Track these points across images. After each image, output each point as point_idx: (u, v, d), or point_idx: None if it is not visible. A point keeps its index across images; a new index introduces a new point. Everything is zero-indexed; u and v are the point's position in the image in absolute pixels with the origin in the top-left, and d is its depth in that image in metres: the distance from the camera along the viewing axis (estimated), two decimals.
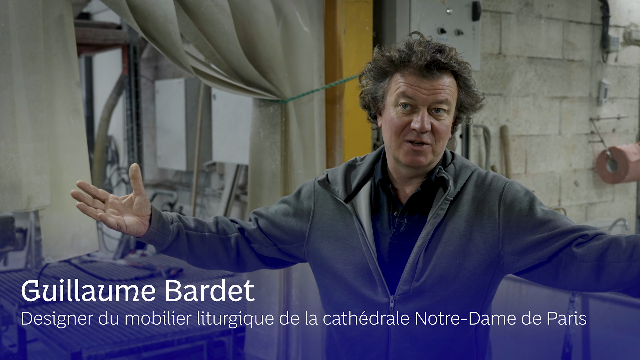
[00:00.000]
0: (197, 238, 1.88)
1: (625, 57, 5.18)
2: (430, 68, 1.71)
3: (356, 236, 1.82)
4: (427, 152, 1.74)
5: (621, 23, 5.12)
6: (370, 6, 3.66)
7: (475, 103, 1.80)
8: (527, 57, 4.58)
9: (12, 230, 3.70)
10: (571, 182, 4.95)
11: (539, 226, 1.72)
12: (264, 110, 3.35)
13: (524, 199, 1.76)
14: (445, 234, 1.76)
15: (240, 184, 5.78)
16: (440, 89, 1.72)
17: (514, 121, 4.54)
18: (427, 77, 1.72)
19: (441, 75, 1.73)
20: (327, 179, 1.90)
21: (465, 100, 1.78)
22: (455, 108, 1.77)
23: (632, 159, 4.94)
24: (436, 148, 1.74)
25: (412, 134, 1.73)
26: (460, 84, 1.77)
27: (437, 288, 1.75)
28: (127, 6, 2.81)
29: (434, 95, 1.72)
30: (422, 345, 1.77)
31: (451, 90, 1.74)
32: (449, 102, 1.73)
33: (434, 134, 1.73)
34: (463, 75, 1.77)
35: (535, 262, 1.74)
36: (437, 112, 1.73)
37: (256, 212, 1.99)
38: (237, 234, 1.94)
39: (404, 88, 1.73)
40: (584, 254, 1.67)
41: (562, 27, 4.75)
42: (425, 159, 1.74)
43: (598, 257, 1.66)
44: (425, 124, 1.71)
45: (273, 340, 3.39)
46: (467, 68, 1.79)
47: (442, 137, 1.74)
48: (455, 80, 1.76)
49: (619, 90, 5.20)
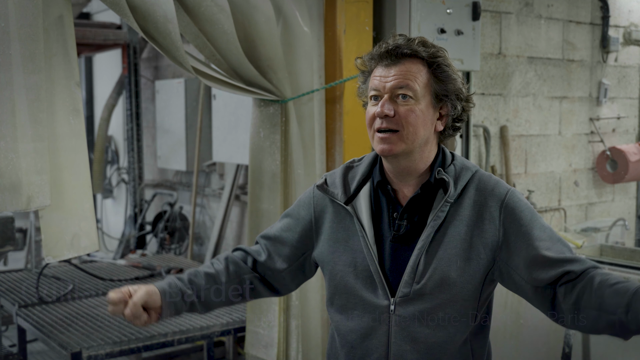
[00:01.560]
0: (212, 293, 1.92)
1: (625, 57, 5.18)
2: (389, 55, 1.74)
3: (357, 238, 1.81)
4: (396, 140, 1.72)
5: (621, 23, 5.12)
6: (370, 6, 3.66)
7: (454, 88, 1.77)
8: (527, 57, 4.58)
9: (12, 230, 3.70)
10: (571, 182, 4.95)
11: (534, 246, 1.72)
12: (264, 110, 3.35)
13: (526, 212, 1.76)
14: (447, 237, 1.75)
15: (240, 184, 5.79)
16: (400, 74, 1.73)
17: (514, 121, 4.54)
18: (389, 66, 1.74)
19: (402, 61, 1.73)
20: (326, 183, 1.90)
21: (438, 87, 1.75)
22: (431, 95, 1.75)
23: (632, 159, 4.94)
24: (406, 134, 1.72)
25: (377, 121, 1.74)
26: (432, 69, 1.75)
27: (438, 291, 1.74)
28: (127, 6, 2.81)
29: (394, 81, 1.73)
30: (422, 348, 1.76)
31: (414, 76, 1.73)
32: (410, 87, 1.72)
33: (400, 120, 1.72)
34: (432, 60, 1.75)
35: (519, 280, 1.75)
36: (402, 98, 1.72)
37: (262, 236, 2.01)
38: (250, 275, 1.96)
39: (372, 82, 1.77)
40: (564, 295, 1.69)
41: (562, 27, 4.75)
42: (396, 147, 1.73)
43: (574, 302, 1.67)
44: (383, 108, 1.72)
45: (273, 340, 3.38)
46: (439, 54, 1.76)
47: (410, 123, 1.72)
48: (428, 68, 1.75)
49: (619, 90, 5.20)
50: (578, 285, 1.67)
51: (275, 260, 1.96)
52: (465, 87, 1.81)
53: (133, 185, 6.89)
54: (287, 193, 3.38)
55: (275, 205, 3.34)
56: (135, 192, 6.87)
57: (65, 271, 4.67)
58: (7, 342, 5.00)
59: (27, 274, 4.69)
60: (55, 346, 3.29)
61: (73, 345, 3.19)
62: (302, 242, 1.93)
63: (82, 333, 3.38)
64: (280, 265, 1.95)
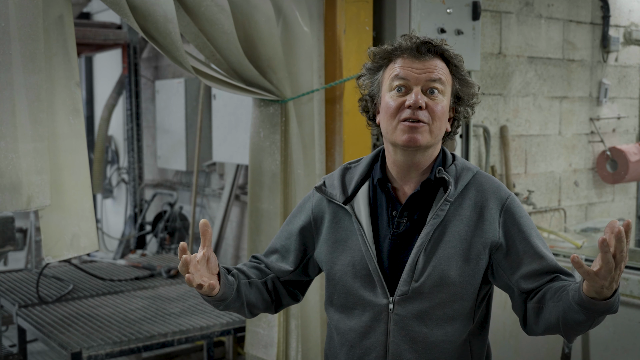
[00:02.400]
0: (247, 285, 1.89)
1: (625, 57, 5.18)
2: (421, 49, 1.74)
3: (356, 237, 1.82)
4: (424, 131, 1.72)
5: (621, 23, 5.12)
6: (370, 6, 3.66)
7: (470, 93, 1.80)
8: (527, 57, 4.57)
9: (12, 230, 3.70)
10: (571, 182, 4.94)
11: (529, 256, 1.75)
12: (264, 110, 3.35)
13: (525, 218, 1.78)
14: (446, 235, 1.75)
15: (240, 184, 5.79)
16: (432, 68, 1.74)
17: (514, 121, 4.54)
18: (419, 59, 1.74)
19: (433, 57, 1.75)
20: (324, 184, 1.91)
21: (460, 88, 1.78)
22: (451, 95, 1.77)
23: (632, 159, 4.94)
24: (433, 128, 1.73)
25: (407, 112, 1.73)
26: (453, 71, 1.77)
27: (437, 290, 1.74)
28: (127, 6, 2.81)
29: (426, 74, 1.73)
30: (420, 347, 1.76)
31: (444, 72, 1.75)
32: (442, 81, 1.74)
33: (429, 113, 1.72)
34: (455, 63, 1.77)
35: (507, 282, 1.77)
36: (431, 93, 1.73)
37: (265, 252, 2.01)
38: (272, 275, 1.96)
39: (397, 71, 1.75)
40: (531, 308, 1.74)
41: (563, 27, 4.75)
42: (422, 138, 1.73)
43: (539, 299, 1.71)
44: (419, 99, 1.71)
45: (273, 340, 3.38)
46: (460, 59, 1.79)
47: (438, 117, 1.73)
48: (448, 67, 1.77)
49: (619, 90, 5.19)
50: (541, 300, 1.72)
51: (282, 266, 1.96)
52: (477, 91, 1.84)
53: (133, 185, 6.89)
54: (287, 193, 3.38)
55: (275, 205, 3.34)
56: (135, 192, 6.87)
57: (65, 271, 4.67)
58: (7, 342, 5.00)
59: (27, 274, 4.70)
60: (55, 346, 3.29)
61: (73, 345, 3.19)
62: (303, 245, 1.94)
63: (82, 333, 3.38)
64: (287, 269, 1.96)
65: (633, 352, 3.51)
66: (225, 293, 1.78)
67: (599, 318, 1.60)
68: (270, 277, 1.95)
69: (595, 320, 1.60)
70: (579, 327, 1.63)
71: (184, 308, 3.84)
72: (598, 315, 1.58)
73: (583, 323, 1.61)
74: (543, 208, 4.72)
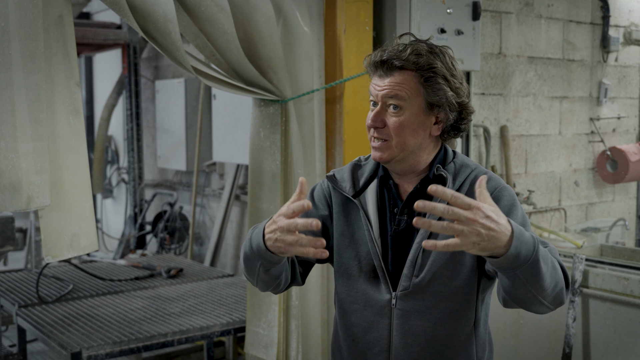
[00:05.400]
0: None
1: (625, 57, 5.18)
2: (381, 66, 1.77)
3: (363, 232, 1.84)
4: (384, 148, 1.77)
5: (621, 23, 5.12)
6: (370, 6, 3.66)
7: (443, 97, 1.76)
8: (527, 57, 4.57)
9: (12, 230, 3.70)
10: (571, 182, 4.94)
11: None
12: (264, 110, 3.35)
13: (510, 206, 1.76)
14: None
15: (240, 184, 5.79)
16: (388, 85, 1.76)
17: (514, 121, 4.54)
18: (382, 76, 1.78)
19: (392, 72, 1.77)
20: (335, 177, 1.92)
21: (430, 96, 1.76)
22: (422, 104, 1.76)
23: (633, 159, 4.94)
24: (396, 144, 1.76)
25: (370, 130, 1.80)
26: (422, 82, 1.76)
27: (436, 284, 1.77)
28: (127, 6, 2.81)
29: (383, 91, 1.77)
30: (423, 341, 1.79)
31: (403, 86, 1.75)
32: (399, 97, 1.75)
33: (388, 131, 1.76)
34: (422, 73, 1.75)
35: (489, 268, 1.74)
36: (393, 109, 1.76)
37: None
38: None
39: (370, 88, 1.82)
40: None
41: (563, 27, 4.75)
42: (384, 154, 1.77)
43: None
44: (373, 120, 1.77)
45: (273, 340, 3.38)
46: (435, 66, 1.76)
47: (397, 134, 1.75)
48: (420, 78, 1.76)
49: (619, 90, 5.19)
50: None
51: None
52: (463, 92, 1.81)
53: (133, 185, 6.89)
54: (287, 193, 3.38)
55: (275, 205, 3.34)
56: (135, 192, 6.88)
57: (65, 271, 4.67)
58: (7, 342, 5.00)
59: (27, 274, 4.69)
60: (55, 346, 3.29)
61: (73, 345, 3.19)
62: (324, 229, 1.90)
63: (82, 333, 3.38)
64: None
65: (633, 352, 3.51)
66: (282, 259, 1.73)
67: (521, 277, 1.53)
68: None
69: (518, 280, 1.54)
70: (514, 290, 1.58)
71: (184, 308, 3.84)
72: (514, 271, 1.52)
73: (512, 285, 1.56)
74: (543, 208, 4.72)
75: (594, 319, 3.66)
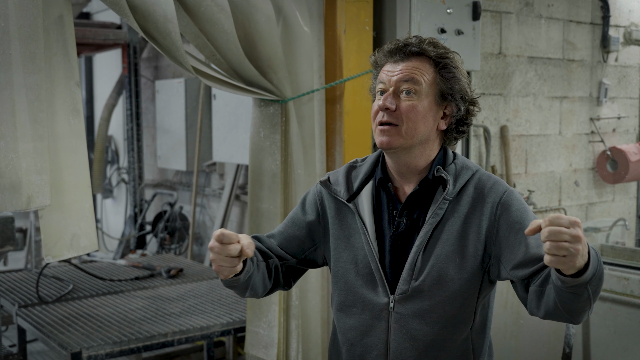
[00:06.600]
0: (256, 269, 1.84)
1: (625, 57, 5.18)
2: (398, 52, 1.77)
3: (359, 235, 1.83)
4: (394, 133, 1.74)
5: (621, 23, 5.12)
6: (370, 6, 3.66)
7: (458, 89, 1.78)
8: (527, 57, 4.57)
9: (12, 230, 3.70)
10: (571, 182, 4.94)
11: (524, 245, 1.69)
12: (264, 110, 3.35)
13: (521, 210, 1.74)
14: (444, 234, 1.76)
15: (240, 184, 5.79)
16: (405, 69, 1.75)
17: (514, 121, 4.54)
18: (397, 62, 1.77)
19: (409, 58, 1.76)
20: (329, 180, 1.91)
21: (444, 86, 1.77)
22: (434, 94, 1.77)
23: (633, 159, 4.94)
24: (406, 130, 1.74)
25: (379, 115, 1.77)
26: (438, 70, 1.77)
27: (436, 288, 1.75)
28: (127, 6, 2.80)
29: (399, 75, 1.75)
30: (421, 345, 1.77)
31: (420, 71, 1.75)
32: (415, 81, 1.74)
33: (401, 115, 1.74)
34: (439, 60, 1.77)
35: (506, 275, 1.74)
36: (406, 94, 1.75)
37: (269, 234, 1.99)
38: (274, 259, 1.93)
39: (380, 76, 1.80)
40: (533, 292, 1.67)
41: (563, 27, 4.75)
42: (393, 140, 1.74)
43: (542, 282, 1.64)
44: (385, 101, 1.75)
45: (273, 340, 3.38)
46: (449, 56, 1.78)
47: (409, 118, 1.74)
48: (435, 67, 1.77)
49: (619, 90, 5.19)
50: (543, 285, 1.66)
51: (286, 252, 1.94)
52: (471, 90, 1.82)
53: (133, 185, 6.88)
54: (287, 193, 3.38)
55: (276, 205, 3.34)
56: (135, 192, 6.87)
57: (65, 271, 4.67)
58: (7, 342, 5.00)
59: (27, 274, 4.69)
60: (55, 346, 3.29)
61: (73, 345, 3.19)
62: (310, 235, 1.93)
63: (82, 333, 3.38)
64: (288, 256, 1.94)
65: (633, 352, 3.51)
66: (240, 279, 1.76)
67: (589, 290, 1.51)
68: (273, 259, 1.92)
69: (585, 293, 1.52)
70: (574, 304, 1.55)
71: (184, 308, 3.84)
72: (582, 288, 1.50)
73: (575, 299, 1.54)
74: (543, 208, 4.72)
75: (594, 319, 3.66)
